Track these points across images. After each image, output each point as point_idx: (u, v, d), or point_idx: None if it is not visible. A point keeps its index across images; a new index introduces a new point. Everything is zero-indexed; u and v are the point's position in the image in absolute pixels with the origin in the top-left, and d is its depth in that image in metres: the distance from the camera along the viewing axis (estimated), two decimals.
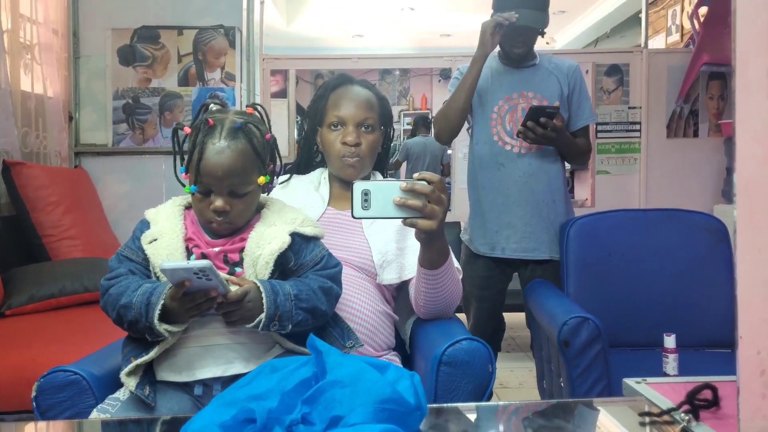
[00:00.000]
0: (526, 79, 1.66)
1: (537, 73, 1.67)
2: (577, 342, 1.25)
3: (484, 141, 1.68)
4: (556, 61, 1.70)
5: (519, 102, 1.65)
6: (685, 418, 0.56)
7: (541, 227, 1.64)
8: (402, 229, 1.06)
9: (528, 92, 1.65)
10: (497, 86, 1.66)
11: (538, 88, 1.65)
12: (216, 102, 0.92)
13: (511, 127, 1.65)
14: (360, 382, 0.50)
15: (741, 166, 0.35)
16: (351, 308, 1.00)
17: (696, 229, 1.60)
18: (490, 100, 1.66)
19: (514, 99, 1.65)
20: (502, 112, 1.66)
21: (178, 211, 0.90)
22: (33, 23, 2.36)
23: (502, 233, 1.66)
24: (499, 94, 1.66)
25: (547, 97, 1.64)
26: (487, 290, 1.71)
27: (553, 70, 1.67)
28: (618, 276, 1.57)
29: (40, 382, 0.83)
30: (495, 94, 1.66)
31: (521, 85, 1.66)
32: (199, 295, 0.78)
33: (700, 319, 1.54)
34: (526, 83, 1.66)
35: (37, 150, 2.38)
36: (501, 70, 1.68)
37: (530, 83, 1.66)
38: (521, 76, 1.66)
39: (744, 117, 0.34)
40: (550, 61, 1.69)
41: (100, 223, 2.45)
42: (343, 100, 1.11)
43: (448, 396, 0.87)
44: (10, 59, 2.20)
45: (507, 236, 1.65)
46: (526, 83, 1.66)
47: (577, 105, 1.68)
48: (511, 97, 1.65)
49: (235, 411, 0.48)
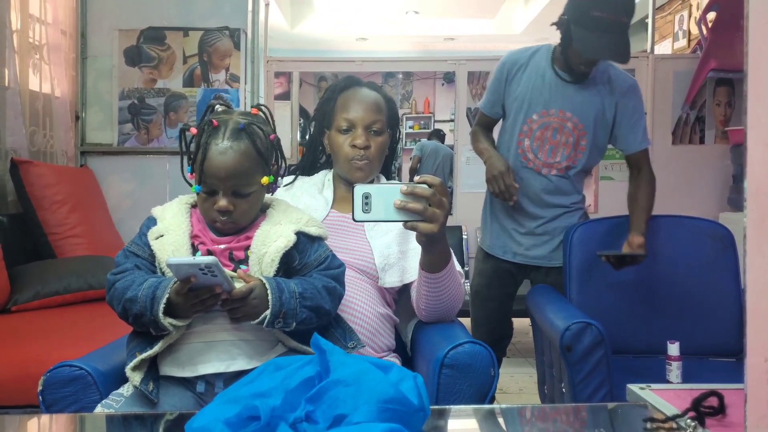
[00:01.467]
0: (570, 96, 1.55)
1: (584, 92, 1.55)
2: (580, 347, 1.24)
3: (508, 149, 1.62)
4: (614, 76, 1.56)
5: (552, 121, 1.56)
6: (690, 425, 0.55)
7: (556, 235, 1.64)
8: (404, 232, 1.06)
9: (567, 112, 1.55)
10: (538, 97, 1.56)
11: (578, 110, 1.55)
12: (221, 103, 0.92)
13: (537, 145, 1.58)
14: (363, 381, 0.50)
15: (752, 172, 0.35)
16: (352, 310, 1.00)
17: (701, 235, 1.59)
18: (527, 110, 1.57)
19: (551, 115, 1.56)
20: (534, 126, 1.57)
21: (185, 208, 0.91)
22: (42, 24, 2.38)
23: (515, 239, 1.65)
24: (537, 107, 1.56)
25: (583, 121, 1.55)
26: (495, 290, 1.70)
27: (604, 87, 1.56)
28: (621, 282, 1.57)
29: (46, 377, 0.84)
30: (533, 105, 1.56)
31: (562, 102, 1.55)
32: (203, 291, 0.78)
33: (705, 327, 1.53)
34: (568, 101, 1.55)
35: (44, 149, 2.40)
36: (550, 80, 1.56)
37: (573, 102, 1.55)
38: (566, 92, 1.55)
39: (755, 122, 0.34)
40: (605, 74, 1.56)
41: (105, 221, 2.47)
42: (352, 102, 1.11)
43: (449, 399, 0.87)
44: (19, 59, 2.22)
45: (519, 242, 1.65)
46: (569, 101, 1.55)
47: (629, 128, 1.57)
48: (547, 113, 1.56)
49: (239, 408, 0.48)
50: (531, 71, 1.58)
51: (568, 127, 1.56)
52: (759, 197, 0.36)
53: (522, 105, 1.58)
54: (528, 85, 1.58)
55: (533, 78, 1.57)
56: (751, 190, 0.35)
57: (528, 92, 1.57)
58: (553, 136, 1.56)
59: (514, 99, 1.59)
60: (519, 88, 1.58)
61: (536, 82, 1.57)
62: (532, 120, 1.58)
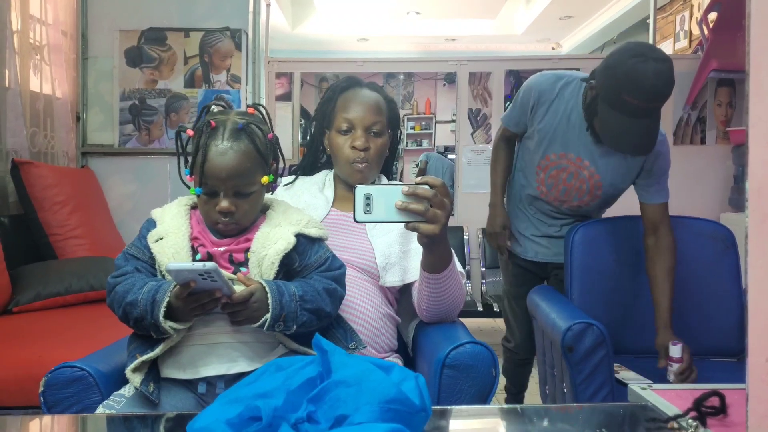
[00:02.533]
0: (592, 148, 1.46)
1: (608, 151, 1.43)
2: (581, 347, 1.24)
3: (527, 174, 1.63)
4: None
5: (569, 165, 1.49)
6: (692, 425, 0.55)
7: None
8: (405, 231, 1.05)
9: (585, 160, 1.46)
10: (560, 136, 1.47)
11: (597, 162, 1.46)
12: (218, 103, 0.92)
13: (552, 182, 1.55)
14: (365, 381, 0.50)
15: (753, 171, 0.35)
16: (354, 310, 1.00)
17: (702, 236, 1.59)
18: (546, 147, 1.51)
19: (569, 159, 1.49)
20: (550, 165, 1.52)
21: (184, 210, 0.91)
22: (42, 24, 2.39)
23: (535, 241, 1.70)
24: (556, 147, 1.49)
25: (600, 173, 1.47)
26: (523, 287, 1.72)
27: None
28: (623, 282, 1.56)
29: (48, 378, 0.84)
30: (553, 144, 1.49)
31: (583, 150, 1.47)
32: (203, 296, 0.78)
33: (706, 327, 1.53)
34: (589, 150, 1.46)
35: (44, 150, 2.40)
36: (575, 122, 1.45)
37: (593, 153, 1.46)
38: (589, 143, 1.46)
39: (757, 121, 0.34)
40: None
41: (106, 222, 2.47)
42: (352, 103, 1.11)
43: (450, 399, 0.87)
44: (19, 60, 2.22)
45: (539, 243, 1.69)
46: (589, 151, 1.46)
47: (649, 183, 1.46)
48: (566, 155, 1.48)
49: (241, 408, 0.48)
50: (557, 107, 1.47)
51: (584, 174, 1.50)
52: (760, 197, 0.36)
53: (543, 140, 1.51)
54: (552, 122, 1.48)
55: (559, 115, 1.47)
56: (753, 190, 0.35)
57: (551, 129, 1.49)
58: (568, 179, 1.52)
59: (536, 130, 1.53)
60: (543, 122, 1.50)
61: (561, 121, 1.47)
62: (549, 158, 1.53)
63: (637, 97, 1.24)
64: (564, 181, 1.54)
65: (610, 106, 1.28)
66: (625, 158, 1.45)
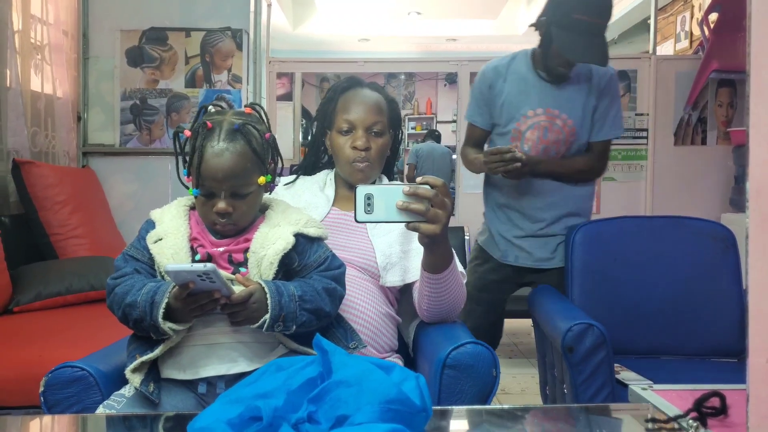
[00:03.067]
0: (555, 95, 1.57)
1: (567, 89, 1.57)
2: (582, 348, 1.24)
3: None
4: (593, 71, 1.58)
5: (541, 119, 1.57)
6: (692, 425, 0.55)
7: (557, 237, 1.64)
8: (406, 231, 1.05)
9: (554, 110, 1.56)
10: (524, 99, 1.57)
11: (565, 107, 1.56)
12: (217, 104, 0.92)
13: (529, 146, 1.58)
14: (366, 382, 0.50)
15: (754, 172, 0.35)
16: (354, 309, 1.00)
17: (702, 236, 1.59)
18: (514, 114, 1.58)
19: (538, 115, 1.57)
20: (523, 128, 1.58)
21: (183, 211, 0.91)
22: (43, 24, 2.39)
23: (517, 241, 1.65)
24: (524, 107, 1.57)
25: (571, 115, 1.56)
26: (486, 293, 1.70)
27: (586, 83, 1.57)
28: (623, 283, 1.56)
29: (48, 378, 0.84)
30: (521, 106, 1.57)
31: (548, 101, 1.57)
32: (202, 296, 0.78)
33: (706, 328, 1.53)
34: (554, 99, 1.56)
35: (45, 149, 2.40)
36: (532, 82, 1.57)
37: (559, 100, 1.57)
38: (551, 91, 1.57)
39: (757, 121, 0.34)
40: (585, 68, 1.57)
41: (107, 222, 2.47)
42: (353, 104, 1.11)
43: (451, 399, 0.87)
44: (20, 59, 2.22)
45: (521, 246, 1.65)
46: (555, 100, 1.56)
47: (601, 117, 1.58)
48: (535, 113, 1.57)
49: (241, 409, 0.48)
50: (512, 78, 1.59)
51: (557, 124, 1.57)
52: (761, 197, 0.36)
53: (510, 108, 1.59)
54: (512, 90, 1.58)
55: (516, 83, 1.58)
56: (753, 191, 0.35)
57: (513, 96, 1.58)
58: (545, 135, 1.57)
59: (500, 106, 1.60)
60: (504, 95, 1.59)
61: (520, 86, 1.58)
62: (521, 123, 1.58)
63: (586, 13, 1.43)
64: (541, 139, 1.57)
65: (564, 28, 1.44)
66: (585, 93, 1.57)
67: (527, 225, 1.64)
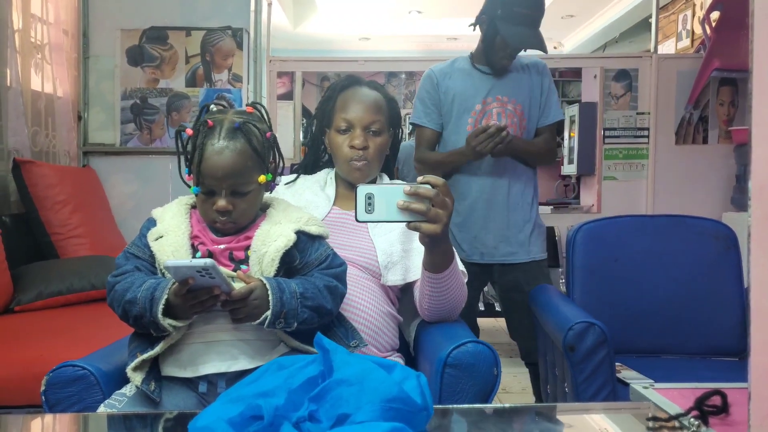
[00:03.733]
0: (500, 83, 1.66)
1: (510, 76, 1.67)
2: (583, 347, 1.24)
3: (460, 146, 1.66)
4: (526, 62, 1.70)
5: (494, 106, 1.64)
6: (694, 424, 0.55)
7: (517, 230, 1.66)
8: (407, 230, 1.05)
9: (503, 96, 1.65)
10: (473, 92, 1.65)
11: (511, 92, 1.65)
12: (218, 103, 0.92)
13: None
14: (367, 380, 0.50)
15: (756, 170, 0.35)
16: (355, 308, 1.00)
17: (704, 235, 1.59)
18: (467, 104, 1.65)
19: (489, 103, 1.65)
20: (479, 117, 1.65)
21: (184, 209, 0.91)
22: (43, 23, 2.39)
23: (479, 239, 1.66)
24: (476, 99, 1.65)
25: (519, 100, 1.65)
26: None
27: (524, 71, 1.68)
28: (624, 282, 1.56)
29: (49, 377, 0.84)
30: (472, 98, 1.65)
31: (496, 89, 1.65)
32: (202, 293, 0.78)
33: (707, 327, 1.53)
34: (500, 87, 1.65)
35: (46, 149, 2.40)
36: (477, 76, 1.67)
37: (505, 87, 1.65)
38: (495, 81, 1.66)
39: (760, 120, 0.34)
40: (520, 62, 1.69)
41: (107, 221, 2.47)
42: (351, 102, 1.11)
43: (452, 398, 0.87)
44: (20, 59, 2.22)
45: (484, 241, 1.65)
46: (502, 87, 1.65)
47: (545, 102, 1.68)
48: (486, 101, 1.65)
49: (242, 407, 0.48)
50: (457, 75, 1.67)
51: (509, 109, 1.65)
52: (763, 195, 0.35)
53: (461, 101, 1.65)
54: (459, 85, 1.66)
55: (462, 78, 1.67)
56: (755, 188, 0.35)
57: (463, 90, 1.65)
58: (499, 119, 1.63)
59: (451, 101, 1.66)
60: (452, 90, 1.66)
61: (466, 81, 1.66)
62: (475, 111, 1.65)
63: (525, 6, 1.57)
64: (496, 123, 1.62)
65: (507, 21, 1.57)
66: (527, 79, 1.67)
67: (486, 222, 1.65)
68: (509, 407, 0.69)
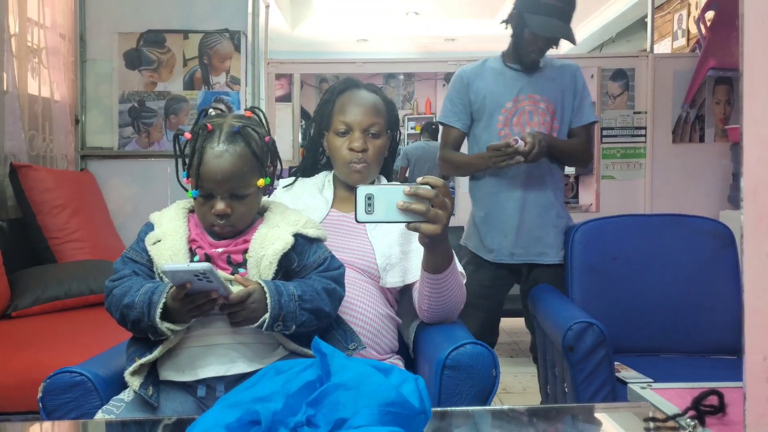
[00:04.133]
0: (532, 81, 1.65)
1: (542, 75, 1.66)
2: (582, 347, 1.24)
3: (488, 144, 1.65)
4: (559, 63, 1.70)
5: (526, 104, 1.63)
6: (690, 424, 0.55)
7: (548, 230, 1.64)
8: (406, 232, 1.05)
9: (535, 94, 1.64)
10: (503, 89, 1.64)
11: (543, 90, 1.64)
12: (216, 107, 0.93)
13: (518, 130, 1.63)
14: (364, 384, 0.50)
15: (748, 170, 0.35)
16: (354, 311, 1.00)
17: (701, 234, 1.59)
18: (499, 102, 1.64)
19: (521, 101, 1.64)
20: (510, 115, 1.64)
21: (182, 213, 0.91)
22: (40, 27, 2.38)
23: (509, 238, 1.64)
24: (507, 96, 1.64)
25: (551, 98, 1.64)
26: (487, 299, 1.68)
27: (557, 71, 1.67)
28: (623, 281, 1.56)
29: (46, 383, 0.84)
30: (503, 96, 1.64)
31: (528, 88, 1.64)
32: (200, 297, 0.78)
33: (705, 325, 1.53)
34: (532, 85, 1.64)
35: (43, 153, 2.40)
36: (507, 74, 1.66)
37: (538, 85, 1.65)
38: (527, 79, 1.65)
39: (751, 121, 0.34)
40: (552, 63, 1.69)
41: (106, 225, 2.47)
42: (350, 105, 1.11)
43: (451, 400, 0.87)
44: (17, 63, 2.22)
45: (514, 241, 1.64)
46: (534, 85, 1.64)
47: (579, 102, 1.68)
48: (518, 99, 1.64)
49: (240, 413, 0.48)
50: (488, 74, 1.67)
51: (541, 107, 1.63)
52: (756, 195, 0.36)
53: (493, 100, 1.65)
54: (491, 83, 1.66)
55: (493, 77, 1.66)
56: (748, 188, 0.35)
57: (494, 89, 1.65)
58: (530, 118, 1.62)
59: (481, 101, 1.65)
60: (483, 90, 1.66)
61: (498, 79, 1.66)
62: (506, 109, 1.64)
63: None
64: (528, 122, 1.62)
65: (534, 13, 1.55)
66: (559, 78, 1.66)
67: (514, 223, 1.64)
68: (508, 408, 0.69)
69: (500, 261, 1.66)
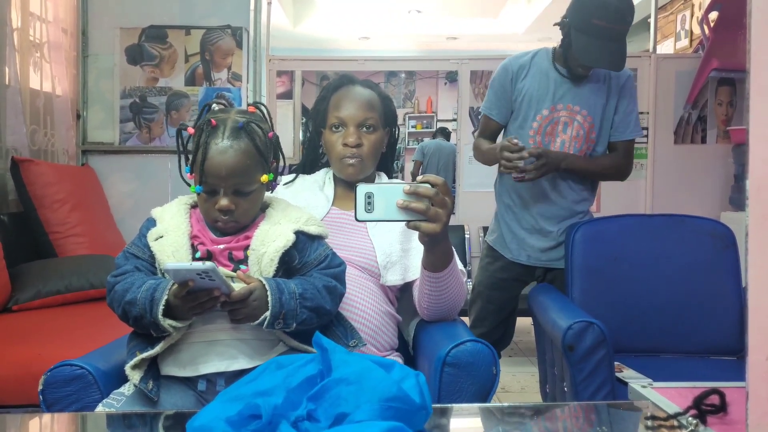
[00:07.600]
0: (576, 90, 1.59)
1: (588, 86, 1.59)
2: (582, 346, 1.24)
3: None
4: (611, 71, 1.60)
5: (562, 115, 1.58)
6: (692, 423, 0.55)
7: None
8: (406, 230, 1.05)
9: (575, 105, 1.58)
10: (545, 93, 1.59)
11: (584, 102, 1.58)
12: (219, 102, 0.92)
13: (549, 140, 1.59)
14: (365, 380, 0.50)
15: (753, 169, 0.35)
16: (354, 308, 1.00)
17: (702, 234, 1.59)
18: (536, 107, 1.60)
19: (559, 110, 1.59)
20: (544, 123, 1.60)
21: (184, 209, 0.91)
22: (42, 22, 2.38)
23: (530, 240, 1.65)
24: (545, 103, 1.59)
25: (591, 111, 1.58)
26: (498, 291, 1.70)
27: (604, 82, 1.60)
28: (623, 281, 1.56)
29: (47, 376, 0.84)
30: (542, 102, 1.59)
31: (569, 97, 1.59)
32: (202, 294, 0.78)
33: (706, 326, 1.53)
34: (574, 96, 1.59)
35: (45, 148, 2.40)
36: (553, 78, 1.59)
37: (578, 96, 1.59)
38: (572, 87, 1.59)
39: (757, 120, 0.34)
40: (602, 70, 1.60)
41: (106, 220, 2.47)
42: (344, 101, 1.11)
43: (451, 397, 0.87)
44: (19, 57, 2.22)
45: (533, 244, 1.64)
46: (576, 96, 1.59)
47: (624, 116, 1.61)
48: (555, 108, 1.59)
49: (240, 406, 0.48)
50: (534, 72, 1.61)
51: (578, 120, 1.59)
52: (760, 195, 0.35)
53: (531, 103, 1.60)
54: (534, 84, 1.60)
55: (538, 77, 1.60)
56: (753, 188, 0.35)
57: (535, 90, 1.60)
58: (564, 130, 1.59)
59: (522, 99, 1.61)
60: (525, 88, 1.60)
61: (542, 81, 1.60)
62: (542, 116, 1.60)
63: (605, 19, 1.44)
64: (561, 134, 1.59)
65: (583, 32, 1.46)
66: (604, 91, 1.59)
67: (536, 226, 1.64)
68: (508, 406, 0.69)
69: (517, 260, 1.67)
